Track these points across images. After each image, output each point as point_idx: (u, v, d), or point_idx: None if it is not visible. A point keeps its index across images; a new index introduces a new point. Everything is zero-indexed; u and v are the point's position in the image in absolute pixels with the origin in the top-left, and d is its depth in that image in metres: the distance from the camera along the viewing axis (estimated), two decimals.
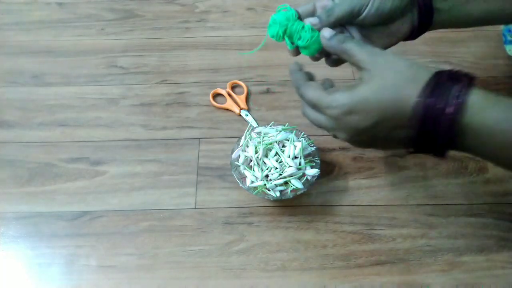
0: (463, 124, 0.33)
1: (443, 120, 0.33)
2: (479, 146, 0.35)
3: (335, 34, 0.40)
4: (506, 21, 0.47)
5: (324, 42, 0.41)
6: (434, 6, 0.44)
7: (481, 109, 0.33)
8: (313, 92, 0.39)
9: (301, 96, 0.41)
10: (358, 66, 0.38)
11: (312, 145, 0.55)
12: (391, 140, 0.37)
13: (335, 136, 0.40)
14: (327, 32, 0.40)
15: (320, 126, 0.40)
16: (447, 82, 0.34)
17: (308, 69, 0.44)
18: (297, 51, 0.45)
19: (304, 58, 0.46)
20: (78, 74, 0.69)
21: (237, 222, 0.54)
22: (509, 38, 0.68)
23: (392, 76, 0.35)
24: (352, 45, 0.38)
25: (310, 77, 0.43)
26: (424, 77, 0.35)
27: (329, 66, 0.47)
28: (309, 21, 0.43)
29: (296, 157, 0.53)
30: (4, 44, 0.74)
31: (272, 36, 0.43)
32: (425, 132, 0.34)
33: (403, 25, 0.45)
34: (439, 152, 0.36)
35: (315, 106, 0.39)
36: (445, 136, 0.34)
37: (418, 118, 0.34)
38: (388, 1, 0.41)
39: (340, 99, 0.37)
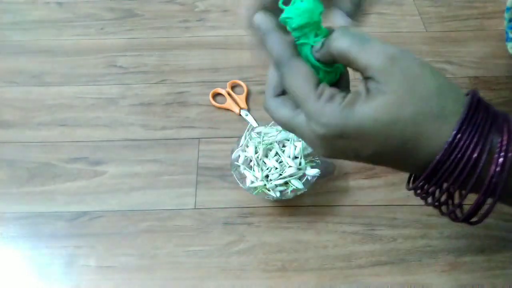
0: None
1: (483, 180, 0.26)
2: None
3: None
4: None
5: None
6: None
7: None
8: (302, 81, 0.27)
9: (282, 77, 0.29)
10: (364, 73, 0.26)
11: None
12: (390, 165, 0.29)
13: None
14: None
15: (289, 129, 0.30)
16: (485, 126, 0.25)
17: None
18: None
19: None
20: (78, 74, 0.69)
21: (237, 222, 0.54)
22: (510, 35, 0.68)
23: (412, 104, 0.25)
24: (353, 43, 0.26)
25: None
26: (455, 110, 0.25)
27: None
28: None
29: (296, 157, 0.52)
30: (3, 44, 0.74)
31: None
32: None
33: None
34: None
35: (295, 100, 0.29)
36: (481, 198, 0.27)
37: (443, 170, 0.26)
38: None
39: (331, 116, 0.26)
